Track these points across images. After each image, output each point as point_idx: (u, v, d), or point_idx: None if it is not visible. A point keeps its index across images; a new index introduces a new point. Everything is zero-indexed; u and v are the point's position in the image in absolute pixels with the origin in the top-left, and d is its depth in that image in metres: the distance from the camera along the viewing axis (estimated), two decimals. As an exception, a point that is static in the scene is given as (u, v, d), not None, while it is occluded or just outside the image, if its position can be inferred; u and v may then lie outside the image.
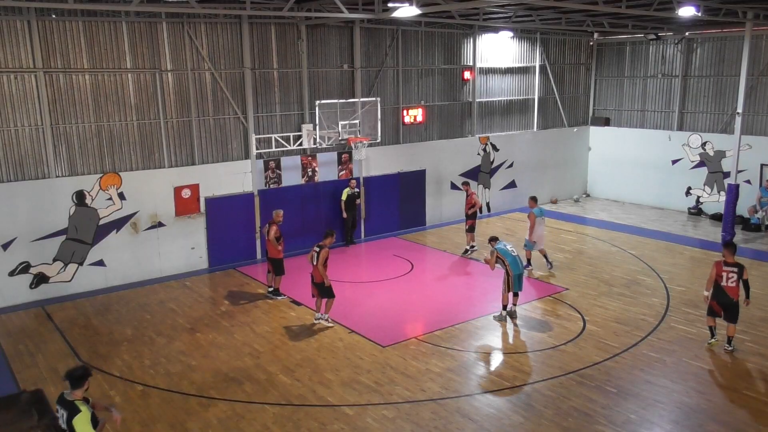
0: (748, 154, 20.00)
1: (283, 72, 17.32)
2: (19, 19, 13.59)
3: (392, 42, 19.25)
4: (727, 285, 11.07)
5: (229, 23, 16.25)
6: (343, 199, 18.07)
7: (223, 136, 16.63)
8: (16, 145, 13.99)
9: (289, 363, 11.07)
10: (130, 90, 15.15)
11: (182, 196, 16.05)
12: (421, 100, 20.26)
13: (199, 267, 16.51)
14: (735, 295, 11.08)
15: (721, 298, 11.17)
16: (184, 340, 12.15)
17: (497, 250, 12.81)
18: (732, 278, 11.04)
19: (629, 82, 24.08)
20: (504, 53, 22.21)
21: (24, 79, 13.87)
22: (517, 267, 12.71)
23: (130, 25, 14.88)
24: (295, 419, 9.25)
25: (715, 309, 11.35)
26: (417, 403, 9.65)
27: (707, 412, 9.32)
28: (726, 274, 11.07)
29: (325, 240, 12.50)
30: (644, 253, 17.45)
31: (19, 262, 14.09)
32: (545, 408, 9.47)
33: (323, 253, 12.29)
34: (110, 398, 9.92)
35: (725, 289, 11.09)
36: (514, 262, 12.69)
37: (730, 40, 21.06)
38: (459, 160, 21.33)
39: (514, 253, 12.84)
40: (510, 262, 12.64)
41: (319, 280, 12.41)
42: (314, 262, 12.41)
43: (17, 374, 10.80)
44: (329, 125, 17.01)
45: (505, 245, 13.00)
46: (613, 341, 11.74)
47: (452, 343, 11.75)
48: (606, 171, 24.81)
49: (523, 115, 23.27)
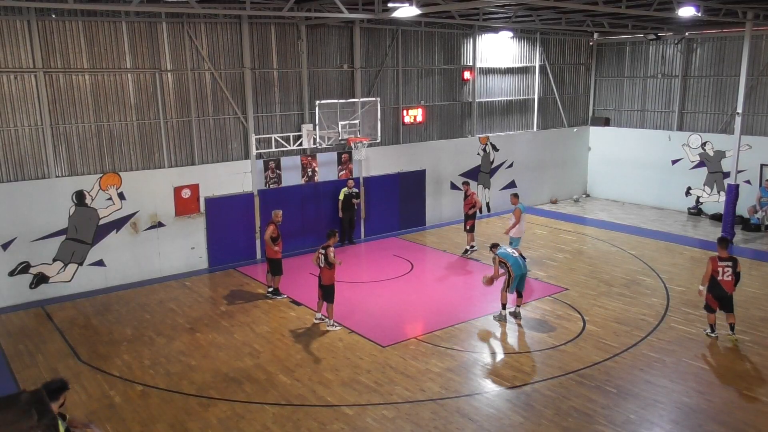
0: (748, 154, 20.01)
1: (283, 72, 17.33)
2: (19, 19, 13.60)
3: (392, 42, 19.25)
4: (723, 279, 11.45)
5: (229, 23, 16.25)
6: (341, 198, 18.09)
7: (223, 136, 16.63)
8: (15, 145, 13.99)
9: (288, 363, 11.07)
10: (130, 90, 15.15)
11: (182, 196, 16.05)
12: (421, 100, 20.26)
13: (199, 267, 16.51)
14: (730, 289, 11.49)
15: (717, 291, 11.52)
16: (184, 340, 12.15)
17: (499, 255, 12.82)
18: (728, 272, 11.43)
19: (629, 82, 24.09)
20: (504, 53, 22.22)
21: (24, 79, 13.88)
22: (519, 267, 12.72)
23: (130, 25, 14.89)
24: (294, 419, 9.25)
25: (711, 303, 11.67)
26: (417, 403, 9.65)
27: (707, 412, 9.32)
28: (722, 269, 11.46)
29: (329, 241, 12.47)
30: (644, 253, 17.45)
31: (18, 262, 14.09)
32: (545, 408, 9.47)
33: (330, 253, 12.22)
34: (110, 398, 9.93)
35: (722, 284, 11.46)
36: (516, 263, 12.70)
37: (730, 40, 21.06)
38: (459, 160, 21.34)
39: (515, 254, 12.87)
40: (512, 263, 12.67)
41: (327, 282, 12.35)
42: (321, 264, 12.35)
43: (17, 374, 10.80)
44: (329, 125, 17.01)
45: (506, 249, 13.08)
46: (612, 341, 11.74)
47: (452, 343, 11.75)
48: (606, 171, 24.81)
49: (522, 115, 23.28)
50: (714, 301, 11.60)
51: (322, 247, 12.42)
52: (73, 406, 9.66)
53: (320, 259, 12.38)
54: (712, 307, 11.68)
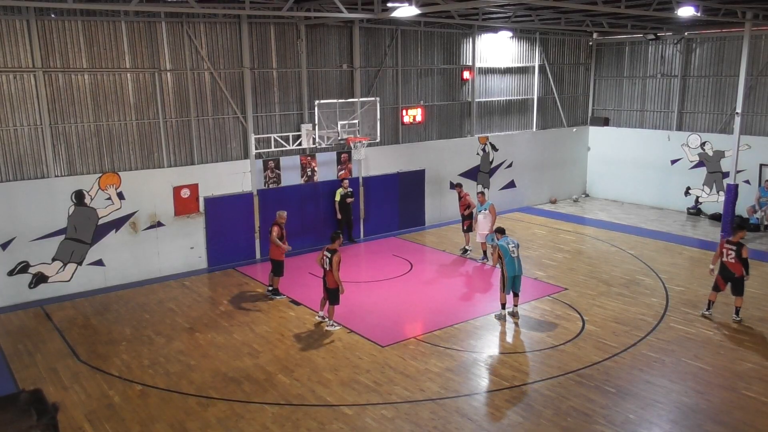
0: (747, 154, 20.03)
1: (282, 72, 17.32)
2: (19, 19, 13.59)
3: (391, 42, 19.25)
4: (727, 260, 12.32)
5: (229, 23, 16.24)
6: (337, 200, 18.07)
7: (222, 135, 16.62)
8: (15, 145, 13.98)
9: (288, 363, 11.07)
10: (129, 90, 15.15)
11: (181, 195, 16.04)
12: (421, 100, 20.26)
13: (198, 267, 16.50)
14: (737, 271, 12.25)
15: (723, 272, 12.42)
16: (183, 340, 12.15)
17: (499, 245, 12.58)
18: (731, 255, 12.27)
19: (628, 82, 24.09)
20: (503, 53, 22.22)
21: (23, 79, 13.87)
22: (513, 268, 12.48)
23: (129, 24, 14.88)
24: (294, 419, 9.25)
25: (719, 283, 12.56)
26: (416, 403, 9.65)
27: (706, 412, 9.33)
28: (726, 251, 12.37)
29: (334, 244, 12.30)
30: (643, 253, 17.46)
31: (18, 261, 14.09)
32: (544, 408, 9.47)
33: (336, 258, 12.06)
34: (109, 398, 9.92)
35: (726, 264, 12.35)
36: (510, 263, 12.45)
37: (730, 40, 21.07)
38: (458, 160, 21.34)
39: (514, 254, 12.54)
40: (506, 261, 12.44)
41: (332, 285, 12.23)
42: (327, 267, 12.23)
43: (16, 374, 10.79)
44: (328, 125, 17.00)
45: (508, 243, 12.63)
46: (612, 341, 11.75)
47: (451, 343, 11.75)
48: (605, 171, 24.82)
49: (522, 115, 23.28)
50: (722, 281, 12.46)
51: (327, 250, 12.22)
52: (73, 405, 9.68)
53: (325, 261, 12.26)
54: (718, 286, 12.57)
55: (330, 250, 12.20)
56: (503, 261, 12.47)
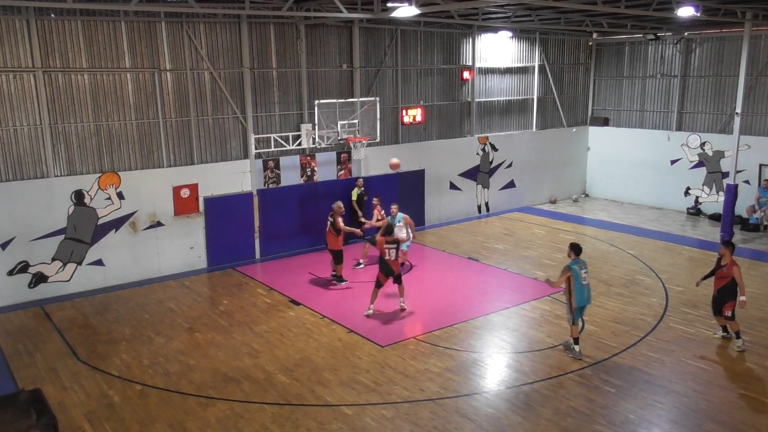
0: (747, 154, 20.03)
1: (282, 72, 17.32)
2: (18, 19, 13.58)
3: (391, 42, 19.25)
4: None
5: (228, 23, 16.24)
6: (354, 199, 17.88)
7: (222, 135, 16.62)
8: (14, 145, 13.98)
9: (287, 362, 11.07)
10: (129, 89, 15.14)
11: (181, 195, 16.04)
12: (420, 100, 20.26)
13: (198, 266, 16.50)
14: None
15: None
16: (183, 340, 12.15)
17: (571, 269, 10.74)
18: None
19: (628, 82, 24.09)
20: (503, 53, 22.22)
21: (23, 79, 13.86)
22: (582, 298, 10.73)
23: (129, 24, 14.88)
24: (293, 419, 9.25)
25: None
26: (416, 403, 9.65)
27: (706, 412, 9.33)
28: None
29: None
30: (643, 253, 17.46)
31: (17, 261, 14.08)
32: (544, 408, 9.47)
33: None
34: (109, 398, 9.92)
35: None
36: (580, 291, 10.67)
37: (729, 41, 21.08)
38: (458, 160, 21.34)
39: (585, 281, 10.74)
40: (576, 289, 10.65)
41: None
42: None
43: (16, 374, 10.79)
44: (328, 125, 16.97)
45: (581, 267, 10.80)
46: (611, 341, 11.75)
47: (451, 343, 11.75)
48: (605, 171, 24.82)
49: (522, 115, 23.28)
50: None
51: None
52: (73, 405, 9.68)
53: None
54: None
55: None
56: (572, 288, 10.75)
